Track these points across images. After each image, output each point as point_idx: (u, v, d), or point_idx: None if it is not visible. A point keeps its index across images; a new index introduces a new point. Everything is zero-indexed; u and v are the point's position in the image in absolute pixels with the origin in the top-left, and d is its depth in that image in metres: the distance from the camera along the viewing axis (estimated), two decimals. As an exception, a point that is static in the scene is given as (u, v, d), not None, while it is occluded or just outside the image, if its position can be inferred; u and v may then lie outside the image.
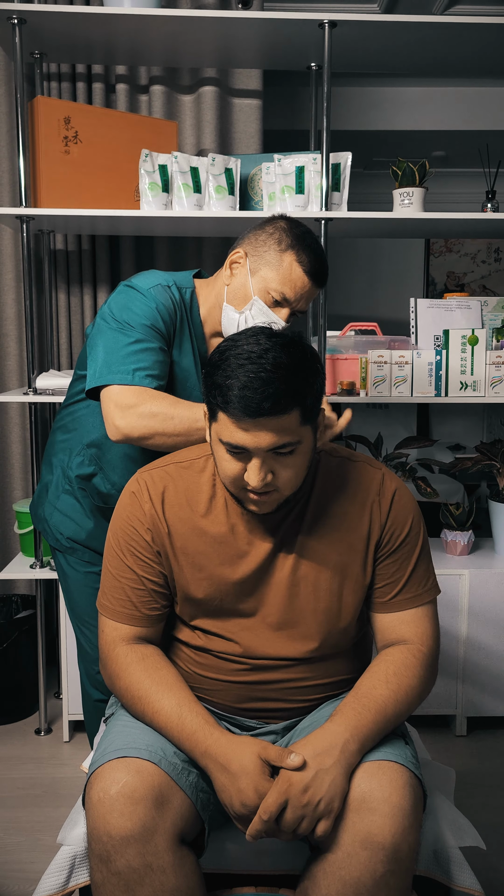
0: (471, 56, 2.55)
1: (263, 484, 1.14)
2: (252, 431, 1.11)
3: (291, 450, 1.14)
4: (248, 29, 2.34)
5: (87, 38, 2.41)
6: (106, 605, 1.31)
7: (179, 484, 1.30)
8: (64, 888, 1.28)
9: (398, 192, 2.38)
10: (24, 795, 2.12)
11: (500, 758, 2.32)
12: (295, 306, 1.60)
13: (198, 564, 1.28)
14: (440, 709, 2.41)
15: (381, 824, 1.08)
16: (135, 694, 1.24)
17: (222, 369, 1.12)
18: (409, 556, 1.30)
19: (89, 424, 1.75)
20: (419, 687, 1.25)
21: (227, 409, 1.10)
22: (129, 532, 1.29)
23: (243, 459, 1.15)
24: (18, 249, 2.73)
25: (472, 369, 2.35)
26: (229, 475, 1.17)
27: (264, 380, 1.08)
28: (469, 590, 2.36)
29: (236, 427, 1.11)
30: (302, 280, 1.58)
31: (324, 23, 2.26)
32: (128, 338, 1.54)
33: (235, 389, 1.09)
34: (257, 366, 1.09)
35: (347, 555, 1.28)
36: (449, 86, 3.71)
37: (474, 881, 1.27)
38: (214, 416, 1.16)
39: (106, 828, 1.08)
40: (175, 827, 1.13)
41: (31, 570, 2.39)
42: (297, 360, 1.12)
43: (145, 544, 1.28)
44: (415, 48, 2.48)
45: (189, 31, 2.35)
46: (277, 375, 1.08)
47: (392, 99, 3.75)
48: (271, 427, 1.10)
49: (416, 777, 1.16)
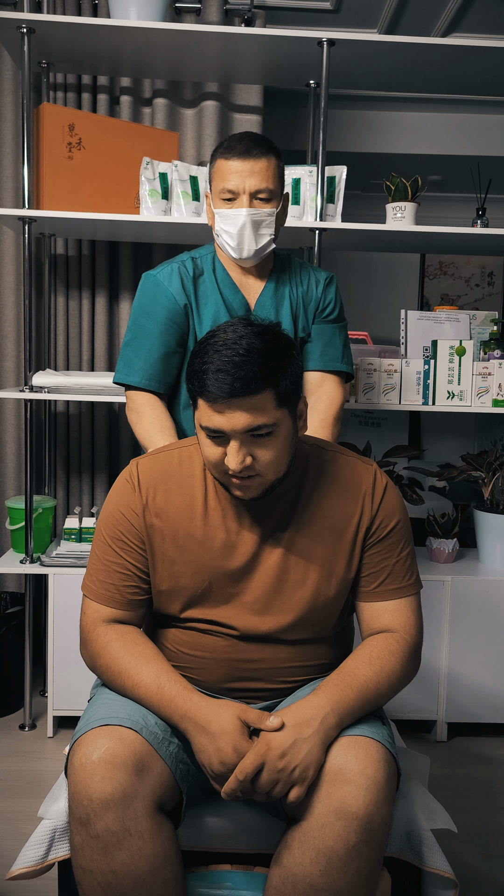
0: (469, 80, 2.64)
1: (243, 467, 1.17)
2: (227, 413, 1.15)
3: (268, 432, 1.17)
4: (250, 45, 2.42)
5: (93, 50, 2.48)
6: (90, 586, 1.34)
7: (173, 472, 1.33)
8: (43, 861, 1.30)
9: (391, 206, 2.45)
10: (5, 787, 2.13)
11: (479, 763, 2.34)
12: (247, 189, 1.73)
13: (187, 551, 1.30)
14: (421, 714, 2.44)
15: (355, 795, 1.11)
16: (115, 669, 1.27)
17: (200, 357, 1.17)
18: (395, 548, 1.33)
19: None
20: (401, 672, 1.28)
21: (203, 392, 1.15)
22: (117, 518, 1.32)
23: (223, 444, 1.18)
24: (20, 253, 2.79)
25: (460, 379, 2.41)
26: (211, 460, 1.21)
27: (236, 363, 1.13)
28: (452, 596, 2.40)
29: (212, 410, 1.16)
30: (229, 164, 1.73)
31: (322, 41, 2.34)
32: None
33: (210, 373, 1.14)
34: (231, 350, 1.14)
35: (336, 545, 1.31)
36: (446, 111, 3.81)
37: (445, 863, 1.30)
38: (195, 402, 1.20)
39: (87, 791, 1.11)
40: (154, 794, 1.16)
41: (21, 565, 2.42)
42: (270, 345, 1.17)
43: (134, 531, 1.31)
44: (413, 69, 2.56)
45: (193, 45, 2.42)
46: (250, 358, 1.13)
47: (390, 122, 3.85)
48: (245, 408, 1.14)
49: (391, 753, 1.20)
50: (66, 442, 2.90)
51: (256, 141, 1.73)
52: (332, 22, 3.16)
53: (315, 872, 1.10)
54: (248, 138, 1.74)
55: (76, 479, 2.92)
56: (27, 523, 2.43)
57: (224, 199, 1.75)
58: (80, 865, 1.14)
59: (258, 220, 1.74)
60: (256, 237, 1.76)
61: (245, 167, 1.71)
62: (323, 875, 1.10)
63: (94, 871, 1.12)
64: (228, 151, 1.73)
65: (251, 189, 1.72)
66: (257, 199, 1.74)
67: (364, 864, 1.12)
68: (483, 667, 2.43)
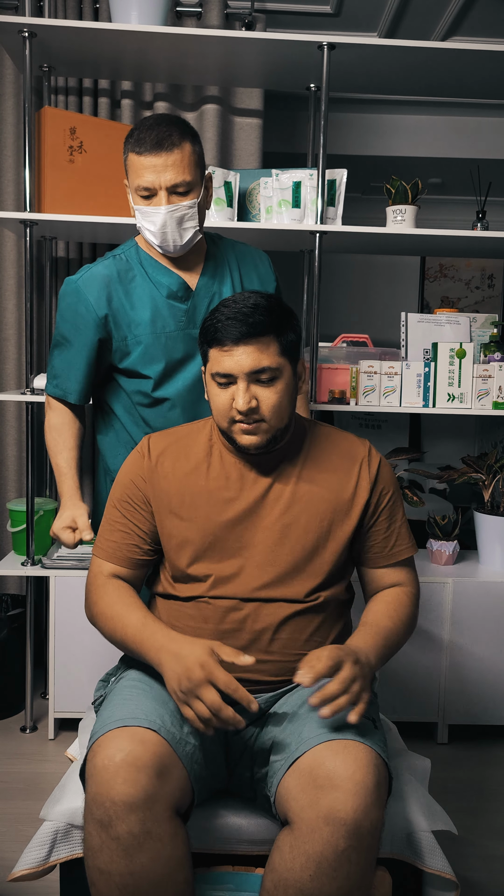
0: (469, 83, 2.65)
1: (249, 408, 1.29)
2: (235, 355, 1.29)
3: (272, 376, 1.31)
4: (251, 49, 2.42)
5: (94, 53, 2.49)
6: (97, 545, 1.48)
7: (181, 442, 1.46)
8: (45, 862, 1.31)
9: (391, 209, 2.45)
10: (6, 789, 2.13)
11: (480, 765, 2.34)
12: (163, 185, 1.62)
13: (193, 508, 1.39)
14: (422, 716, 2.44)
15: (343, 801, 1.11)
16: (107, 613, 1.38)
17: (212, 316, 1.33)
18: (395, 514, 1.47)
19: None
20: (413, 620, 1.44)
21: (215, 339, 1.31)
22: (125, 483, 1.46)
23: (231, 386, 1.32)
24: (21, 255, 2.80)
25: (460, 381, 2.42)
26: (220, 407, 1.33)
27: (245, 313, 1.29)
28: (453, 598, 2.40)
29: (222, 353, 1.30)
30: (141, 160, 1.62)
31: (323, 45, 2.35)
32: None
33: (221, 322, 1.30)
34: (240, 304, 1.31)
35: (336, 502, 1.41)
36: (446, 114, 3.82)
37: (446, 864, 1.30)
38: (206, 357, 1.35)
39: (109, 794, 1.12)
40: (173, 797, 1.17)
41: (22, 567, 2.43)
42: (273, 304, 1.33)
43: (139, 495, 1.44)
44: (413, 73, 2.57)
45: (194, 49, 2.43)
46: (257, 310, 1.30)
47: (390, 126, 3.86)
48: (251, 349, 1.29)
49: (381, 758, 1.20)
50: (67, 444, 2.90)
51: (168, 129, 1.61)
52: (333, 26, 3.17)
53: (305, 878, 1.11)
54: (159, 127, 1.61)
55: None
56: (28, 526, 2.44)
57: (141, 195, 1.65)
58: (97, 867, 1.14)
59: (179, 215, 1.66)
60: (180, 232, 1.68)
61: (158, 161, 1.60)
62: (313, 880, 1.11)
63: (112, 874, 1.12)
64: (139, 145, 1.61)
65: (167, 184, 1.62)
66: (175, 193, 1.64)
67: (354, 869, 1.12)
68: (484, 669, 2.43)
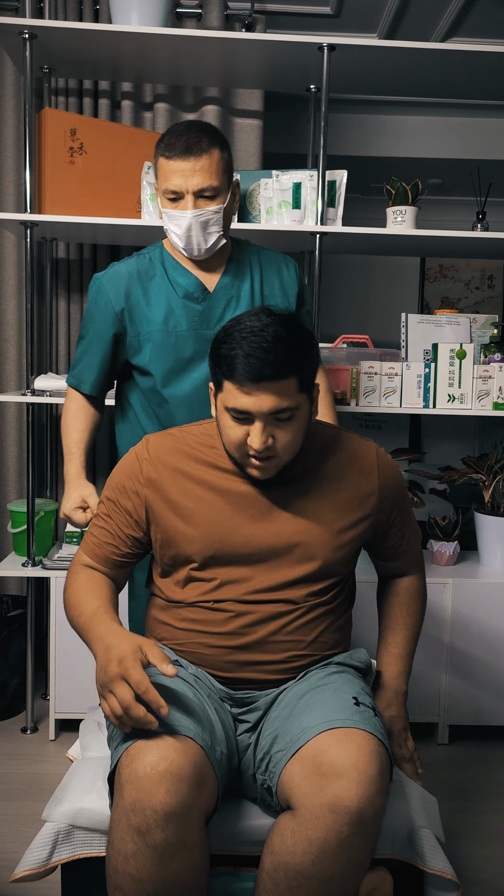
0: (469, 83, 2.65)
1: (265, 447, 1.26)
2: (255, 395, 1.24)
3: (290, 415, 1.27)
4: (251, 50, 2.43)
5: (94, 55, 2.49)
6: (86, 534, 1.48)
7: (184, 447, 1.42)
8: (46, 863, 1.30)
9: (391, 209, 2.46)
10: (7, 790, 2.13)
11: (481, 766, 2.34)
12: (190, 189, 1.67)
13: (197, 516, 1.37)
14: (423, 717, 2.44)
15: (347, 789, 1.13)
16: (71, 600, 1.39)
17: (227, 343, 1.26)
18: (407, 511, 1.51)
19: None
20: (423, 609, 1.58)
21: (233, 376, 1.24)
22: (118, 487, 1.43)
23: (246, 424, 1.27)
24: (21, 257, 2.80)
25: (460, 382, 2.42)
26: (233, 441, 1.29)
27: (266, 349, 1.22)
28: (453, 598, 2.40)
29: (240, 392, 1.24)
30: (170, 164, 1.67)
31: (323, 46, 2.35)
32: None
33: (240, 358, 1.22)
34: (259, 338, 1.23)
35: (344, 513, 1.40)
36: (446, 115, 3.82)
37: (447, 864, 1.30)
38: (220, 386, 1.29)
39: (151, 802, 1.11)
40: (207, 806, 1.18)
41: (23, 568, 2.43)
42: (293, 334, 1.26)
43: (129, 504, 1.41)
44: (413, 74, 2.57)
45: (194, 50, 2.43)
46: (277, 346, 1.22)
47: (390, 126, 3.86)
48: (272, 391, 1.23)
49: (383, 745, 1.22)
50: (67, 445, 2.90)
51: (198, 136, 1.66)
52: (333, 27, 3.17)
53: (307, 862, 1.13)
54: (188, 133, 1.66)
55: (78, 483, 2.92)
56: (29, 526, 2.44)
57: (169, 198, 1.70)
58: (128, 873, 1.13)
59: (204, 220, 1.70)
60: (205, 236, 1.73)
61: (186, 166, 1.65)
62: (314, 864, 1.13)
63: (144, 881, 1.13)
64: (169, 149, 1.66)
65: (194, 189, 1.67)
66: (202, 197, 1.69)
67: (355, 854, 1.15)
68: (484, 669, 2.43)
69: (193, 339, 1.80)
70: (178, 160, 1.65)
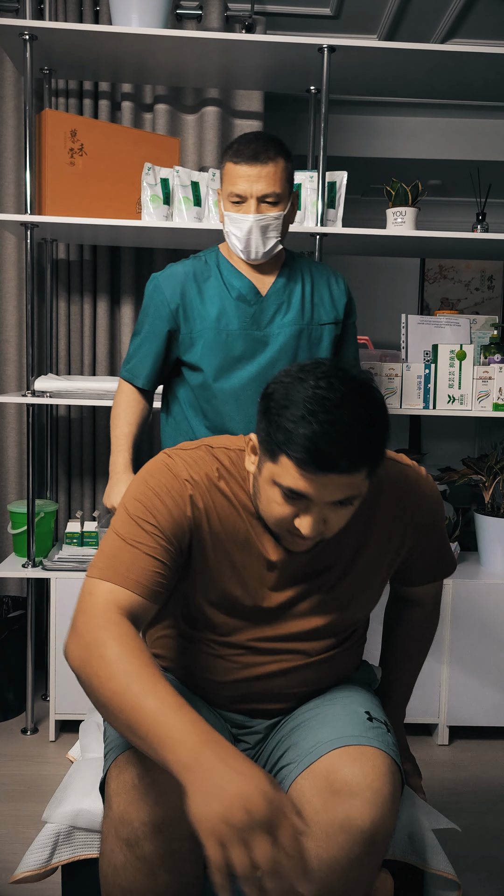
0: (469, 85, 2.65)
1: (316, 532, 1.09)
2: (319, 483, 1.03)
3: (352, 502, 1.09)
4: (251, 51, 2.43)
5: (95, 56, 2.49)
6: (106, 567, 1.11)
7: (217, 480, 1.20)
8: (47, 864, 1.31)
9: (391, 211, 2.46)
10: (7, 791, 2.13)
11: (481, 766, 2.34)
12: (254, 194, 1.77)
13: (232, 563, 1.22)
14: (422, 717, 2.44)
15: (361, 809, 1.10)
16: (111, 672, 1.01)
17: (290, 409, 1.03)
18: (442, 540, 1.35)
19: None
20: (429, 647, 1.48)
21: (296, 457, 1.02)
22: (154, 501, 1.15)
23: (298, 505, 1.08)
24: (22, 258, 2.80)
25: (460, 383, 2.42)
26: (277, 517, 1.11)
27: (342, 433, 1.00)
28: (453, 599, 2.40)
29: (300, 475, 1.03)
30: (237, 169, 1.77)
31: (323, 47, 2.35)
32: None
33: (307, 438, 1.00)
34: (333, 416, 1.00)
35: (380, 564, 1.28)
36: (446, 116, 3.82)
37: (447, 864, 1.30)
38: (272, 455, 1.06)
39: (138, 813, 1.08)
40: None
41: (23, 569, 2.43)
42: (372, 412, 1.03)
43: (172, 520, 1.15)
44: (413, 75, 2.57)
45: (194, 51, 2.44)
46: (356, 430, 1.01)
47: (390, 127, 3.86)
48: (340, 483, 1.03)
49: (396, 763, 1.19)
50: (67, 446, 2.90)
51: (265, 145, 1.77)
52: (333, 28, 3.18)
53: (315, 878, 1.11)
54: (258, 141, 1.77)
55: (78, 484, 2.92)
56: (29, 527, 2.44)
57: (233, 201, 1.80)
58: (119, 885, 1.12)
59: (265, 224, 1.81)
60: (264, 240, 1.83)
61: (253, 172, 1.76)
62: (323, 880, 1.11)
63: (135, 892, 1.11)
64: (237, 155, 1.77)
65: (258, 194, 1.77)
66: (265, 202, 1.79)
67: (364, 871, 1.13)
68: (484, 670, 2.43)
69: (243, 338, 1.89)
70: (244, 165, 1.76)
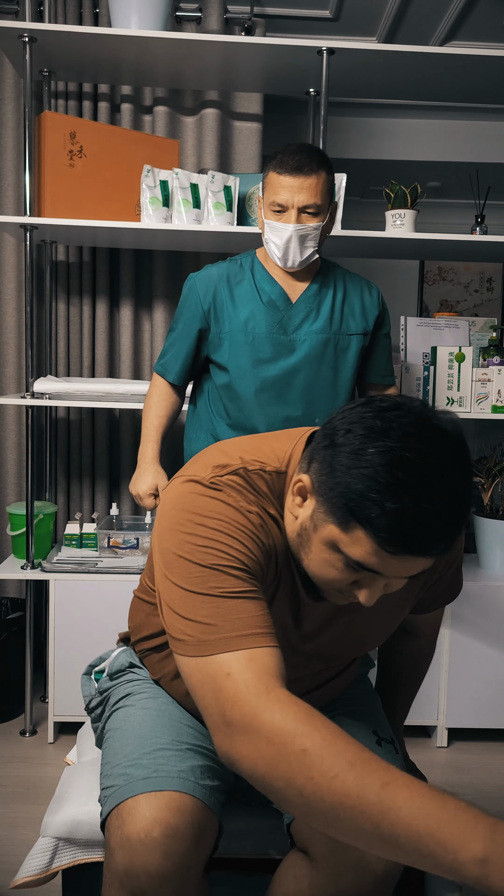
0: (468, 87, 2.65)
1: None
2: (397, 562, 0.90)
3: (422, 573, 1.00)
4: (251, 54, 2.43)
5: (94, 58, 2.50)
6: (214, 638, 0.91)
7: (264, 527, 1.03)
8: (47, 869, 1.30)
9: (390, 213, 2.46)
10: (6, 793, 2.13)
11: (480, 768, 2.35)
12: (296, 204, 1.82)
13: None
14: (421, 720, 2.44)
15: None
16: (358, 806, 0.80)
17: (368, 469, 0.87)
18: (457, 567, 1.28)
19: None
20: (426, 672, 1.46)
21: (380, 536, 0.87)
22: (239, 549, 0.96)
23: (361, 576, 0.96)
24: (21, 259, 2.80)
25: (459, 385, 2.42)
26: (330, 579, 0.97)
27: (439, 515, 0.86)
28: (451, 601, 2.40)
29: (376, 552, 0.89)
30: (280, 179, 1.82)
31: (322, 50, 2.36)
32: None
33: (397, 519, 0.86)
34: (430, 494, 0.85)
35: (408, 591, 1.21)
36: (445, 118, 3.83)
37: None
38: (342, 521, 0.91)
39: (145, 867, 1.02)
40: (206, 858, 1.09)
41: (22, 571, 2.43)
42: (468, 479, 0.90)
43: (255, 561, 0.98)
44: (412, 77, 2.58)
45: (193, 54, 2.44)
46: (453, 509, 0.87)
47: (389, 130, 3.87)
48: (422, 563, 0.91)
49: None
50: (66, 448, 2.90)
51: (309, 156, 1.80)
52: (332, 30, 3.18)
53: None
54: (301, 153, 1.80)
55: (77, 485, 2.92)
56: (28, 529, 2.44)
57: (274, 210, 1.84)
58: None
59: (304, 234, 1.85)
60: (301, 249, 1.87)
61: (295, 183, 1.80)
62: None
63: None
64: (281, 166, 1.81)
65: (300, 204, 1.81)
66: (305, 213, 1.83)
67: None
68: (483, 672, 2.43)
69: (270, 341, 1.93)
70: (287, 176, 1.80)
